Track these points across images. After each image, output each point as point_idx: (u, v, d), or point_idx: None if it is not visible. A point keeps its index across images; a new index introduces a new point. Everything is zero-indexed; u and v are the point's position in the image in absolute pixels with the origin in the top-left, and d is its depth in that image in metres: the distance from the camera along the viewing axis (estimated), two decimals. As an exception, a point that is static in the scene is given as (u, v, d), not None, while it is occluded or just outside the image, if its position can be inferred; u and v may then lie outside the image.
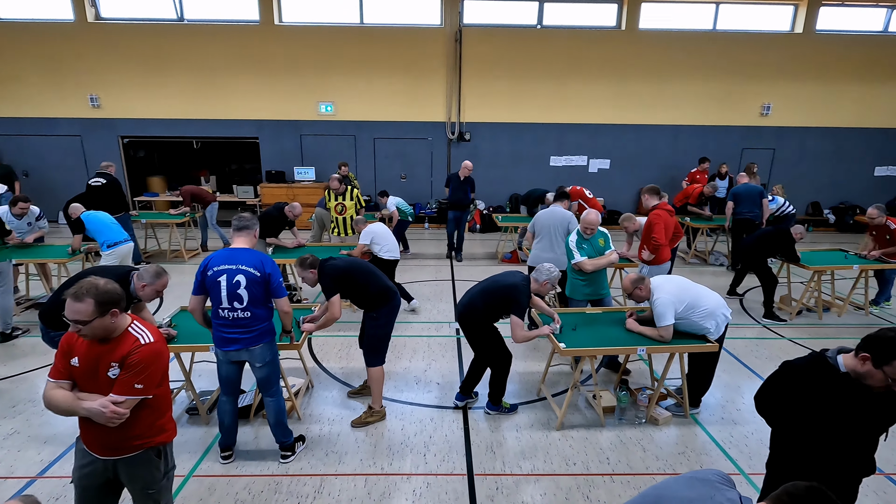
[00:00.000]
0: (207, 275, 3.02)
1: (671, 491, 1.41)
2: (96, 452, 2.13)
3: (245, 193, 10.72)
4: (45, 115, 10.35)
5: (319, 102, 10.47)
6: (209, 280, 3.02)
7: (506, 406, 3.92)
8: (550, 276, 3.69)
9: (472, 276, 7.47)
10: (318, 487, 3.12)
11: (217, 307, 3.04)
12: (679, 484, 1.43)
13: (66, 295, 1.99)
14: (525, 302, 3.55)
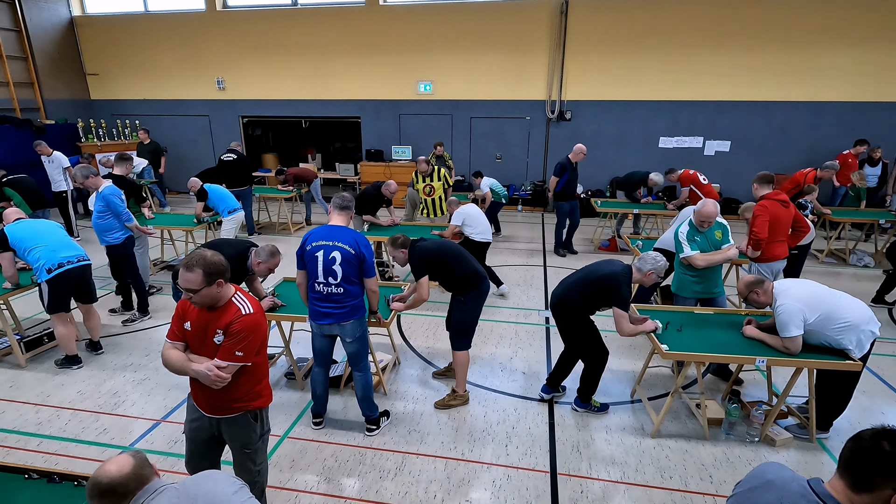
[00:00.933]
0: (306, 250, 3.15)
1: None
2: (203, 410, 2.31)
3: (346, 171, 11.21)
4: (181, 96, 11.58)
5: (419, 82, 10.54)
6: (307, 255, 3.15)
7: (595, 405, 3.69)
8: (656, 265, 3.34)
9: (566, 263, 7.15)
10: (400, 464, 3.18)
11: (313, 281, 3.16)
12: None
13: (179, 265, 2.14)
14: (627, 293, 3.27)
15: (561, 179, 7.13)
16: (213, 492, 1.48)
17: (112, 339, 4.81)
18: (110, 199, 4.94)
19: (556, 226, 7.54)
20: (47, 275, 4.02)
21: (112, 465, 1.45)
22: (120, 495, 1.42)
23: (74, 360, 4.31)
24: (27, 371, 4.27)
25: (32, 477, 2.10)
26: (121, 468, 1.44)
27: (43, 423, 3.58)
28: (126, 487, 1.43)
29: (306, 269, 3.19)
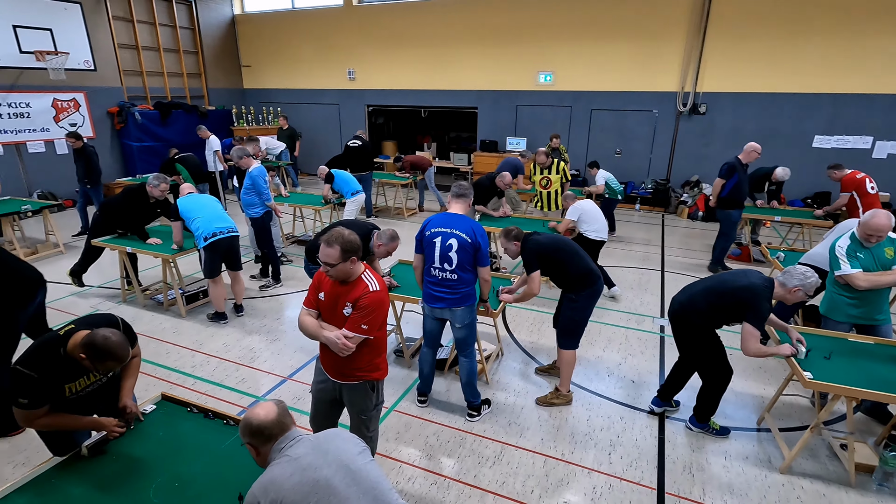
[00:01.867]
0: (425, 235, 3.29)
1: None
2: (329, 374, 2.53)
3: (460, 161, 11.41)
4: (315, 86, 12.62)
5: (539, 72, 10.33)
6: (426, 240, 3.28)
7: (714, 427, 3.38)
8: (805, 282, 2.92)
9: (687, 269, 6.60)
10: (499, 453, 3.21)
11: (429, 266, 3.29)
12: None
13: (321, 240, 2.36)
14: (766, 309, 2.92)
15: (728, 182, 6.06)
16: (343, 449, 1.63)
17: (251, 302, 5.45)
18: (256, 179, 5.58)
19: (719, 238, 6.35)
20: (204, 242, 4.67)
21: (261, 409, 1.65)
22: (266, 437, 1.62)
23: (222, 316, 4.98)
24: (186, 321, 5.02)
25: (193, 411, 2.48)
26: (268, 413, 1.64)
27: (196, 366, 4.20)
28: (270, 431, 1.63)
29: (423, 254, 3.33)
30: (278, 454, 1.60)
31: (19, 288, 3.16)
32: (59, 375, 2.11)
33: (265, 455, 1.63)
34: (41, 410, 2.10)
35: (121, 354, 2.06)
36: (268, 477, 1.52)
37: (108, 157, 10.20)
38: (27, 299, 3.20)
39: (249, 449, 1.65)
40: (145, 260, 5.93)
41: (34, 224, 8.17)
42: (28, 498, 1.95)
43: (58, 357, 2.08)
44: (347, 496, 1.50)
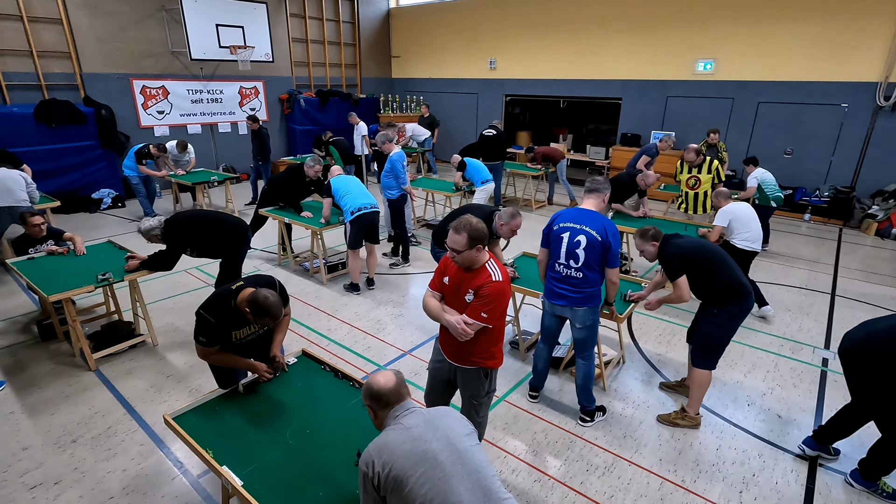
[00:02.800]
0: (553, 229, 3.21)
1: None
2: (446, 355, 2.63)
3: (596, 154, 10.87)
4: (457, 76, 12.96)
5: (698, 60, 9.32)
6: (553, 234, 3.20)
7: (887, 489, 2.80)
8: None
9: (867, 297, 5.51)
10: (610, 465, 3.05)
11: (554, 261, 3.20)
12: None
13: (449, 226, 2.43)
14: None
15: None
16: (452, 427, 1.68)
17: (381, 277, 5.87)
18: (395, 163, 5.94)
19: None
20: (351, 216, 5.13)
21: (381, 377, 1.78)
22: (383, 402, 1.74)
23: (356, 287, 5.44)
24: (326, 288, 5.59)
25: (326, 369, 2.76)
26: (387, 381, 1.76)
27: (331, 329, 4.66)
28: (388, 398, 1.74)
29: (549, 248, 3.25)
30: (393, 420, 1.71)
31: (239, 235, 4.29)
32: (228, 323, 2.52)
33: (382, 419, 1.75)
34: (214, 349, 2.54)
35: (276, 313, 2.41)
36: (382, 440, 1.64)
37: (277, 138, 11.67)
38: (244, 243, 4.35)
39: (369, 411, 1.79)
40: (298, 230, 6.70)
41: (217, 192, 9.72)
42: (198, 418, 2.36)
43: (229, 308, 2.50)
44: (452, 473, 1.54)
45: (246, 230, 4.38)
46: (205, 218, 4.24)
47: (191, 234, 4.07)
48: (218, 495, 2.76)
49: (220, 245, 4.22)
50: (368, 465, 1.58)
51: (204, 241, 4.14)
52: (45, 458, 3.03)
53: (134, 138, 9.16)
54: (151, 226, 3.94)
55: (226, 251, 4.27)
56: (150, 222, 3.96)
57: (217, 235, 4.17)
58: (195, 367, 3.97)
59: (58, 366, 4.00)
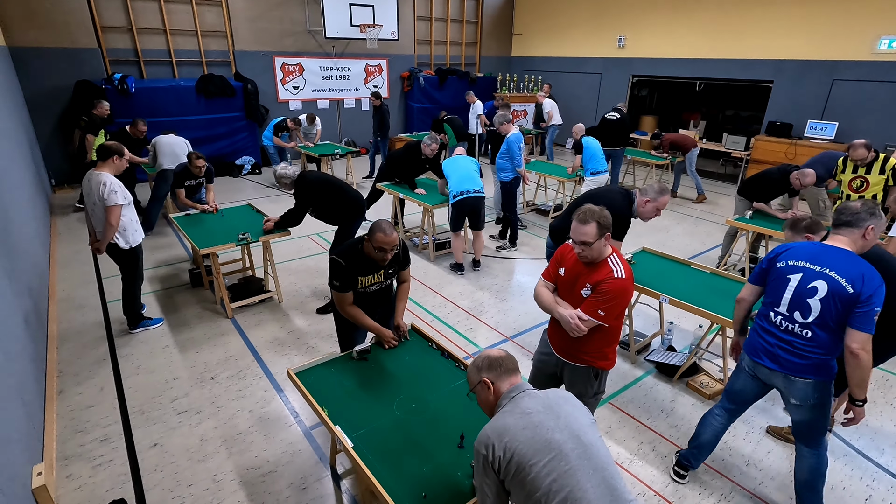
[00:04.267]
0: (777, 266, 2.34)
1: None
2: (555, 349, 2.53)
3: (734, 144, 9.70)
4: (580, 54, 12.28)
5: (881, 36, 7.80)
6: (776, 272, 2.34)
7: None
8: None
9: None
10: (726, 492, 2.75)
11: (770, 308, 2.36)
12: None
13: (573, 217, 2.29)
14: None
15: None
16: (574, 416, 1.59)
17: (487, 260, 5.85)
18: (512, 145, 5.81)
19: None
20: (452, 199, 5.15)
21: (492, 350, 1.78)
22: (503, 370, 1.71)
23: (460, 267, 5.48)
24: (432, 265, 5.71)
25: (433, 346, 2.81)
26: (499, 352, 1.76)
27: (435, 306, 4.76)
28: (508, 365, 1.72)
29: (764, 288, 2.44)
30: (508, 401, 1.64)
31: (357, 207, 4.48)
32: (357, 267, 2.71)
33: (497, 394, 1.69)
34: (348, 296, 2.75)
35: (385, 229, 2.58)
36: (501, 423, 1.58)
37: (396, 115, 12.08)
38: (360, 215, 4.52)
39: (482, 388, 1.71)
40: (410, 206, 6.91)
41: (339, 164, 10.36)
42: (316, 376, 2.54)
43: (358, 252, 2.71)
44: (578, 467, 1.46)
45: (363, 204, 4.57)
46: (331, 183, 4.49)
47: (316, 194, 4.34)
48: (326, 448, 2.98)
49: (339, 211, 4.44)
50: (488, 447, 1.55)
51: (326, 204, 4.39)
52: (190, 389, 3.50)
53: (273, 111, 10.07)
54: (286, 173, 4.33)
55: (343, 219, 4.50)
56: (287, 169, 4.36)
57: (338, 202, 4.42)
58: (312, 327, 4.30)
59: (203, 310, 4.58)
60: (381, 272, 2.80)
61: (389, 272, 2.86)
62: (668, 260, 4.18)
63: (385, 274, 2.83)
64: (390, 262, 2.80)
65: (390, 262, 2.80)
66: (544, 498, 1.44)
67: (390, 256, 2.66)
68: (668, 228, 7.07)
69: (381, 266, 2.76)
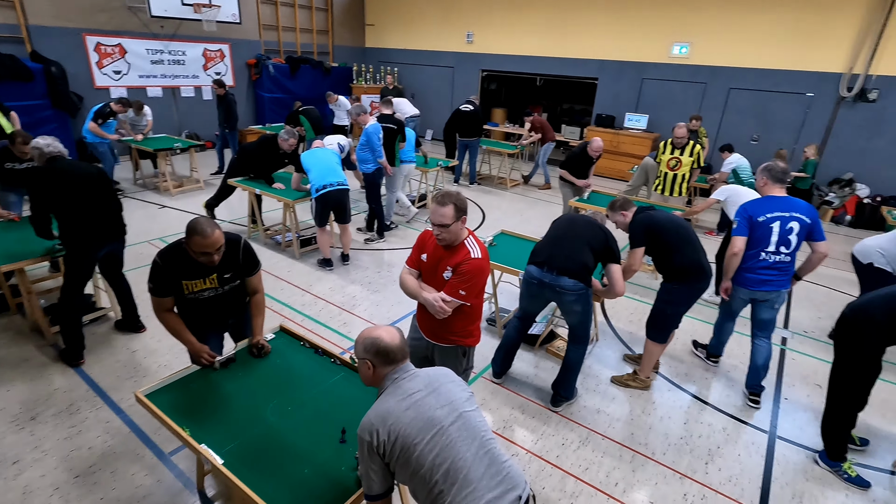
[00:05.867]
0: (758, 220, 3.25)
1: None
2: (424, 333, 2.60)
3: (571, 134, 10.91)
4: (433, 48, 12.65)
5: (675, 43, 9.39)
6: (760, 225, 3.25)
7: (849, 472, 2.92)
8: None
9: (823, 280, 5.80)
10: (584, 438, 3.14)
11: (761, 249, 3.26)
12: None
13: (432, 200, 2.36)
14: None
15: None
16: (454, 392, 1.67)
17: (356, 253, 5.76)
18: (371, 136, 5.77)
19: None
20: (315, 193, 4.97)
21: (385, 332, 1.70)
22: (389, 360, 1.67)
23: (328, 263, 5.32)
24: (299, 262, 5.45)
25: (305, 346, 2.70)
26: (392, 338, 1.69)
27: (305, 305, 4.56)
28: (395, 356, 1.67)
29: (751, 238, 3.28)
30: (392, 383, 1.65)
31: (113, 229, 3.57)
32: (179, 269, 2.36)
33: (380, 377, 1.68)
34: (166, 301, 2.40)
35: (203, 230, 2.24)
36: (384, 407, 1.59)
37: (244, 106, 11.16)
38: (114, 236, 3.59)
39: (363, 366, 1.69)
40: (269, 202, 6.48)
41: (180, 161, 9.25)
42: (171, 395, 2.26)
43: (179, 251, 2.36)
44: (458, 438, 1.55)
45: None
46: (82, 179, 3.37)
47: (60, 195, 3.29)
48: (191, 472, 2.69)
49: (94, 223, 3.42)
50: (372, 433, 1.55)
51: (74, 211, 3.35)
52: (0, 437, 2.87)
53: (89, 99, 8.57)
54: (40, 145, 3.32)
55: (90, 235, 3.43)
56: (42, 141, 3.33)
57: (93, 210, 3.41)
58: (162, 343, 3.81)
59: (11, 340, 3.77)
60: (215, 276, 2.45)
61: (226, 277, 2.48)
62: (525, 240, 4.56)
63: (221, 279, 2.47)
64: (227, 267, 2.46)
65: (227, 267, 2.46)
66: (428, 473, 1.50)
67: (217, 258, 2.34)
68: (522, 212, 7.70)
69: (214, 270, 2.43)
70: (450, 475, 1.50)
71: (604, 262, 3.15)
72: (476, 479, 1.52)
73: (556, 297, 3.14)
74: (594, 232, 3.14)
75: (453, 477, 1.50)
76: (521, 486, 1.60)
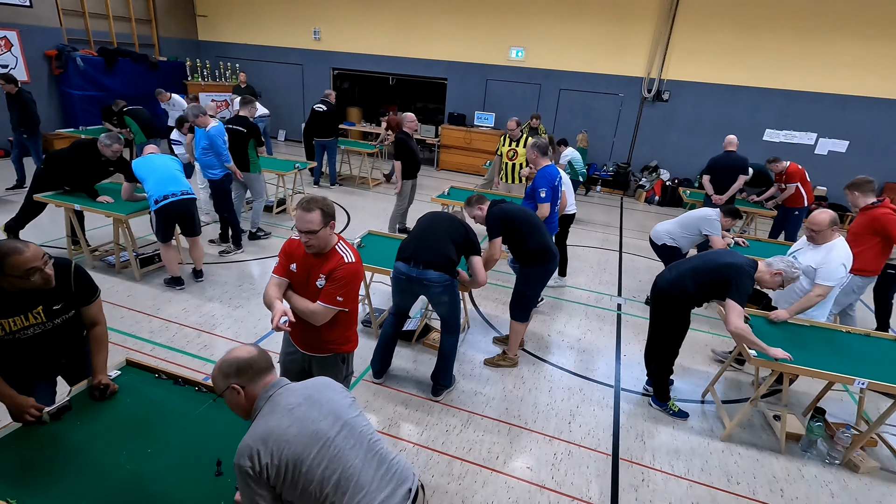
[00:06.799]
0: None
1: None
2: (299, 346, 2.51)
3: (427, 133, 11.26)
4: (279, 44, 11.99)
5: (511, 47, 10.25)
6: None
7: (673, 408, 3.57)
8: (788, 270, 3.11)
9: (643, 251, 6.89)
10: (466, 422, 3.33)
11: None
12: None
13: (297, 207, 2.28)
14: (749, 286, 3.08)
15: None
16: (335, 401, 1.64)
17: (211, 268, 5.26)
18: (214, 139, 5.31)
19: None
20: (155, 205, 4.44)
21: (239, 350, 1.62)
22: (255, 372, 1.58)
23: (178, 281, 4.78)
24: (141, 285, 4.80)
25: (161, 377, 2.41)
26: (249, 351, 1.62)
27: (154, 332, 4.05)
28: (259, 365, 1.59)
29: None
30: (267, 402, 1.57)
31: None
32: None
33: (252, 398, 1.59)
34: None
35: (15, 246, 1.92)
36: (262, 427, 1.50)
37: (46, 105, 9.34)
38: None
39: (231, 394, 1.59)
40: (93, 219, 5.58)
41: (-40, 174, 7.45)
42: (-15, 465, 1.85)
43: None
44: (345, 446, 1.53)
45: None
46: None
47: None
48: (22, 552, 2.23)
49: None
50: (253, 458, 1.44)
51: None
52: None
53: None
54: None
55: None
56: None
57: None
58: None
59: None
60: (41, 310, 2.08)
61: (56, 308, 2.12)
62: (393, 239, 4.63)
63: (49, 312, 2.10)
64: (56, 296, 2.11)
65: (56, 296, 2.11)
66: (318, 488, 1.47)
67: (51, 273, 2.00)
68: (386, 211, 7.72)
69: (39, 301, 2.06)
70: (340, 485, 1.49)
71: (466, 254, 3.35)
72: (367, 482, 1.53)
73: (425, 290, 3.27)
74: (455, 227, 3.35)
75: (344, 486, 1.49)
76: (411, 479, 1.65)
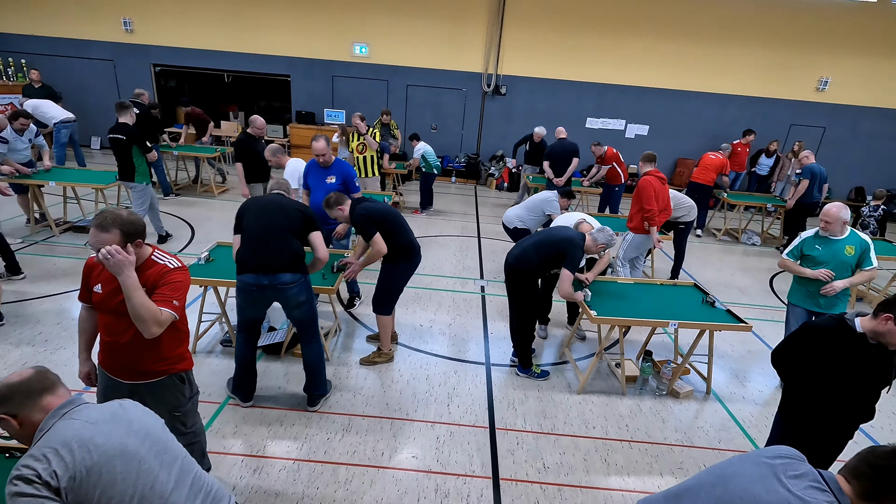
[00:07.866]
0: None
1: (738, 475, 1.42)
2: (120, 378, 2.17)
3: (275, 133, 10.64)
4: (79, 36, 10.23)
5: (354, 43, 10.15)
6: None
7: (536, 371, 3.95)
8: (608, 240, 3.77)
9: (499, 235, 7.40)
10: (347, 425, 3.26)
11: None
12: (746, 466, 1.43)
13: (91, 225, 1.97)
14: (578, 256, 3.62)
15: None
16: (147, 422, 1.54)
17: (12, 307, 4.33)
18: None
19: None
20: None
21: (12, 374, 1.45)
22: (25, 393, 1.41)
23: (-32, 329, 3.86)
24: None
25: (-47, 451, 1.93)
26: (20, 373, 1.45)
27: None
28: (31, 386, 1.42)
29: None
30: (60, 419, 1.40)
31: None
32: None
33: (33, 423, 1.40)
34: None
35: None
36: (58, 435, 1.34)
37: None
38: None
39: (7, 425, 1.40)
40: None
41: None
42: None
43: None
44: (157, 463, 1.46)
45: None
46: None
47: None
48: None
49: None
50: (41, 462, 1.27)
51: None
52: None
53: None
54: None
55: None
56: None
57: None
58: None
59: None
60: None
61: None
62: (246, 248, 4.29)
63: None
64: None
65: None
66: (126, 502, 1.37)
67: None
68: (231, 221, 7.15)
69: None
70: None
71: (307, 234, 3.17)
72: (180, 502, 1.47)
73: (279, 294, 3.07)
74: (287, 213, 3.12)
75: None
76: (226, 499, 1.62)
